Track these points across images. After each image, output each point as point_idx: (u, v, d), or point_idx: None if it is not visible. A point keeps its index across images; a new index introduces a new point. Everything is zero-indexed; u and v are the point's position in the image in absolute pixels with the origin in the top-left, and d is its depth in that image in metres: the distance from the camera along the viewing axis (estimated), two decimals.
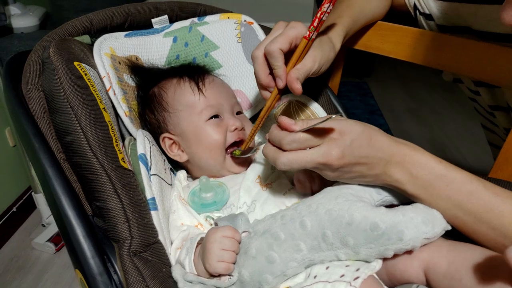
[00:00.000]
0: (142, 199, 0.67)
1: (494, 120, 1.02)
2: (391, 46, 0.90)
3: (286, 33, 0.66)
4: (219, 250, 0.61)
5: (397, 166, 0.59)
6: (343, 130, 0.58)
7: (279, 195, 0.74)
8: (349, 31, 0.81)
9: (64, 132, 0.66)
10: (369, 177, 0.61)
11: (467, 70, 0.80)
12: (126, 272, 0.60)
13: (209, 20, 0.94)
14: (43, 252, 1.81)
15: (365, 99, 3.26)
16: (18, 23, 1.69)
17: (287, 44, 0.66)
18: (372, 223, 0.55)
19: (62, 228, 0.62)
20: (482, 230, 0.56)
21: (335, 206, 0.58)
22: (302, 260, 0.59)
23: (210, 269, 0.61)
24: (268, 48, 0.65)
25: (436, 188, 0.57)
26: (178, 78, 0.84)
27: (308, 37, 0.64)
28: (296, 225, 0.59)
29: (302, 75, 0.67)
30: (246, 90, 0.96)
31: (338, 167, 0.58)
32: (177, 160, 0.84)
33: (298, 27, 0.67)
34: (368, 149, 0.58)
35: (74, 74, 0.69)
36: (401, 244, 0.55)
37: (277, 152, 0.60)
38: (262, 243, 0.61)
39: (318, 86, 0.95)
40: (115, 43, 0.85)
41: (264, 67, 0.69)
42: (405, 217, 0.55)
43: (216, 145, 0.80)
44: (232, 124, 0.81)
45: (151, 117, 0.84)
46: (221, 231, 0.63)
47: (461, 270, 0.53)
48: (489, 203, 0.55)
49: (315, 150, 0.58)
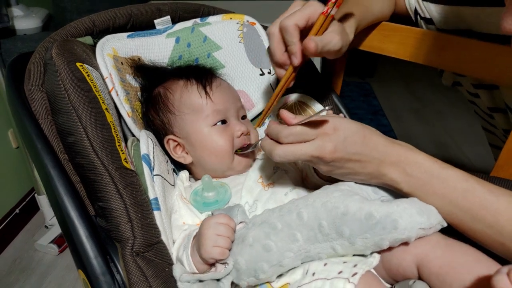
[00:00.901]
0: (144, 199, 0.67)
1: (493, 122, 1.02)
2: (394, 46, 0.90)
3: (303, 10, 0.65)
4: (213, 235, 0.62)
5: (392, 165, 0.60)
6: (337, 126, 0.60)
7: (280, 195, 0.74)
8: (358, 26, 0.81)
9: (66, 133, 0.66)
10: (362, 175, 0.62)
11: (469, 70, 0.80)
12: (129, 272, 0.60)
13: (211, 21, 0.94)
14: (46, 254, 1.82)
15: (367, 100, 3.25)
16: (21, 25, 1.70)
17: (304, 20, 0.64)
18: (366, 213, 0.56)
19: (65, 228, 0.62)
20: (479, 228, 0.56)
21: (331, 198, 0.59)
22: (298, 250, 0.60)
23: (205, 255, 0.61)
24: (283, 23, 0.64)
25: (431, 186, 0.58)
26: (185, 80, 0.84)
27: (326, 12, 0.62)
28: (293, 216, 0.60)
29: (320, 42, 0.65)
30: (248, 90, 0.96)
31: (330, 160, 0.60)
32: (181, 161, 0.84)
33: (315, 4, 0.65)
34: (362, 147, 0.60)
35: (77, 75, 0.69)
36: (396, 233, 0.55)
37: (274, 144, 0.63)
38: (259, 232, 0.62)
39: (321, 86, 0.95)
40: (117, 44, 0.85)
41: (280, 44, 0.68)
42: (399, 207, 0.56)
43: (222, 151, 0.80)
44: (238, 129, 0.81)
45: (156, 117, 0.84)
46: (215, 218, 0.64)
47: (453, 275, 0.53)
48: (484, 200, 0.55)
49: (310, 144, 0.60)
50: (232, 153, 0.80)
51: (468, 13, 0.80)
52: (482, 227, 0.55)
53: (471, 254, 0.55)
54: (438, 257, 0.56)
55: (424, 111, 3.19)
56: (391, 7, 0.93)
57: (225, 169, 0.81)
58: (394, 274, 0.60)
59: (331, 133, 0.60)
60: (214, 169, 0.82)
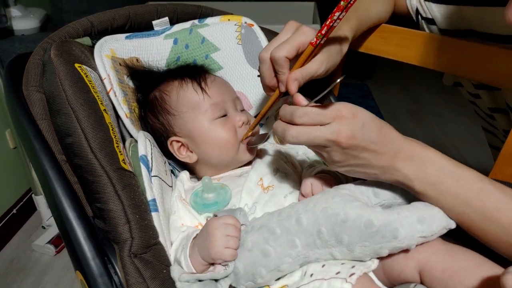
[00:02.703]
0: (142, 201, 0.67)
1: (493, 123, 1.02)
2: (392, 48, 0.90)
3: (293, 40, 0.66)
4: (224, 236, 0.61)
5: (406, 160, 0.58)
6: (356, 112, 0.58)
7: (279, 198, 0.74)
8: (356, 33, 0.81)
9: (64, 134, 0.66)
10: (375, 168, 0.60)
11: (467, 72, 0.81)
12: (127, 273, 0.61)
13: (209, 22, 0.94)
14: (43, 254, 1.81)
15: (365, 101, 3.26)
16: (19, 25, 1.70)
17: (294, 51, 0.66)
18: (366, 221, 0.55)
19: (63, 229, 0.62)
20: (491, 230, 0.55)
21: (331, 204, 0.59)
22: (296, 256, 0.60)
23: (216, 256, 0.61)
24: (274, 55, 0.66)
25: (445, 184, 0.57)
26: (179, 80, 0.84)
27: (315, 43, 0.64)
28: (292, 221, 0.60)
29: (302, 78, 0.67)
30: (246, 91, 0.96)
31: (346, 146, 0.57)
32: (186, 161, 0.84)
33: (306, 33, 0.66)
34: (379, 137, 0.58)
35: (75, 76, 0.69)
36: (395, 242, 0.55)
37: (287, 125, 0.60)
38: (258, 237, 0.62)
39: (319, 87, 0.95)
40: (116, 45, 0.85)
41: (269, 70, 0.69)
42: (400, 216, 0.55)
43: (227, 142, 0.80)
44: (238, 119, 0.82)
45: (155, 121, 0.84)
46: (223, 218, 0.64)
47: (455, 279, 0.53)
48: (499, 202, 0.55)
49: (326, 127, 0.57)
50: (237, 143, 0.81)
51: (470, 12, 0.80)
52: (495, 229, 0.55)
53: (472, 257, 0.55)
54: (440, 262, 0.55)
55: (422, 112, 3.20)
56: (390, 10, 0.93)
57: (230, 160, 0.82)
58: (394, 280, 0.60)
59: (349, 117, 0.57)
60: (219, 163, 0.82)
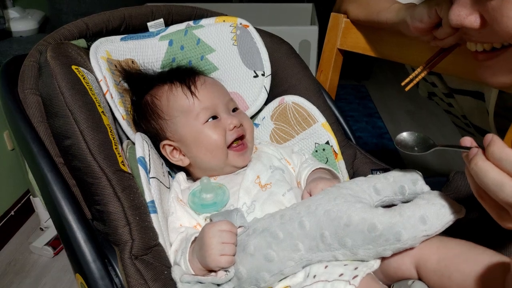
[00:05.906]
0: (142, 202, 0.67)
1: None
2: (390, 49, 0.90)
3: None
4: (219, 244, 0.62)
5: None
6: None
7: (278, 196, 0.74)
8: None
9: (62, 136, 0.66)
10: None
11: (464, 72, 0.81)
12: (128, 275, 0.61)
13: (204, 24, 0.95)
14: (41, 256, 1.81)
15: (363, 102, 3.25)
16: (17, 27, 1.69)
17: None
18: (369, 225, 0.56)
19: (62, 232, 0.62)
20: None
21: (333, 207, 0.59)
22: (299, 260, 0.60)
23: (213, 264, 0.61)
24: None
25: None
26: (169, 84, 0.84)
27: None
28: (295, 225, 0.60)
29: None
30: (242, 92, 0.96)
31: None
32: (179, 165, 0.84)
33: None
34: None
35: (72, 78, 0.69)
36: (399, 244, 0.56)
37: (507, 177, 0.45)
38: (260, 241, 0.62)
39: (313, 88, 0.95)
40: (111, 46, 0.85)
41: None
42: (403, 217, 0.56)
43: (216, 146, 0.80)
44: (230, 123, 0.81)
45: (148, 125, 0.84)
46: (217, 225, 0.64)
47: (450, 267, 0.54)
48: None
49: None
50: (224, 147, 0.80)
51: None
52: None
53: (464, 243, 0.56)
54: (434, 253, 0.56)
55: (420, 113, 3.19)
56: None
57: (221, 165, 0.82)
58: (391, 277, 0.61)
59: None
60: (211, 167, 0.82)
